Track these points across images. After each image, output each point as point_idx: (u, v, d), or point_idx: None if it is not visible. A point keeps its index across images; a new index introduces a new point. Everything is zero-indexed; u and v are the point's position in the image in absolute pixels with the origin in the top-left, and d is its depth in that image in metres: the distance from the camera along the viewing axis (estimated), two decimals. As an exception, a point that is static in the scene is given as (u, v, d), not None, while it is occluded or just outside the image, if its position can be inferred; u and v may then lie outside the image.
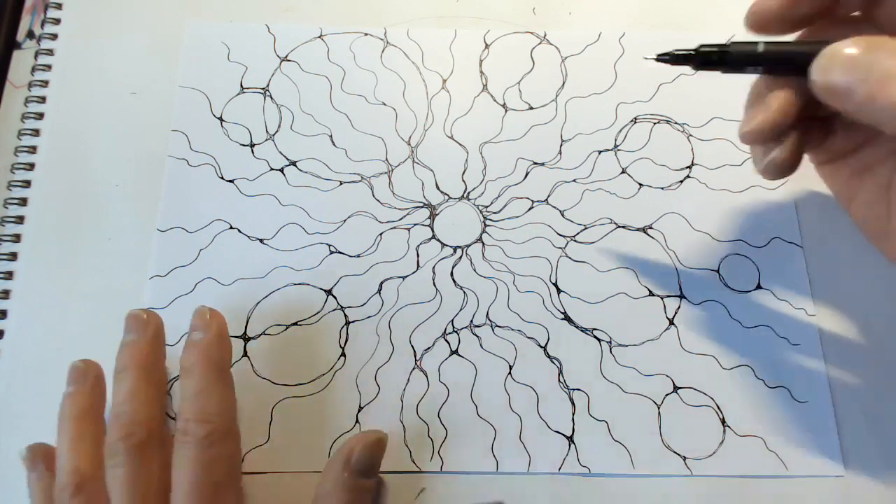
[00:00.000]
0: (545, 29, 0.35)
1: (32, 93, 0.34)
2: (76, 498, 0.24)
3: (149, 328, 0.27)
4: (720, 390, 0.29)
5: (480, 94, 0.34)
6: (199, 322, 0.27)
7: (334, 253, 0.31)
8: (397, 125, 0.33)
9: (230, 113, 0.33)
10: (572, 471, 0.28)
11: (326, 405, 0.29)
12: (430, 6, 0.35)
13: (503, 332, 0.30)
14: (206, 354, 0.26)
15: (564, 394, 0.29)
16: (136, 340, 0.27)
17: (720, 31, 0.34)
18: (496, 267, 0.31)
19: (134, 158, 0.33)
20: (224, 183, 0.32)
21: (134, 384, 0.25)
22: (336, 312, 0.30)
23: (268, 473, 0.28)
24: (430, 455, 0.28)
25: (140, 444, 0.24)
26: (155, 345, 0.27)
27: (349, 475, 0.25)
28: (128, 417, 0.25)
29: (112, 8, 0.35)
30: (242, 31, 0.35)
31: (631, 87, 0.34)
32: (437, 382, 0.30)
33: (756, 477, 0.28)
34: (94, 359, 0.29)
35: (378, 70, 0.34)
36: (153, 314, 0.28)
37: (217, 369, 0.26)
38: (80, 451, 0.25)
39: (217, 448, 0.24)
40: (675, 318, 0.30)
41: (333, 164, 0.33)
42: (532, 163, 0.33)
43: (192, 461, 0.24)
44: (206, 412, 0.25)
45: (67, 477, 0.24)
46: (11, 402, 0.29)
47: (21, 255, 0.31)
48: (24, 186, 0.32)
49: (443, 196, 0.32)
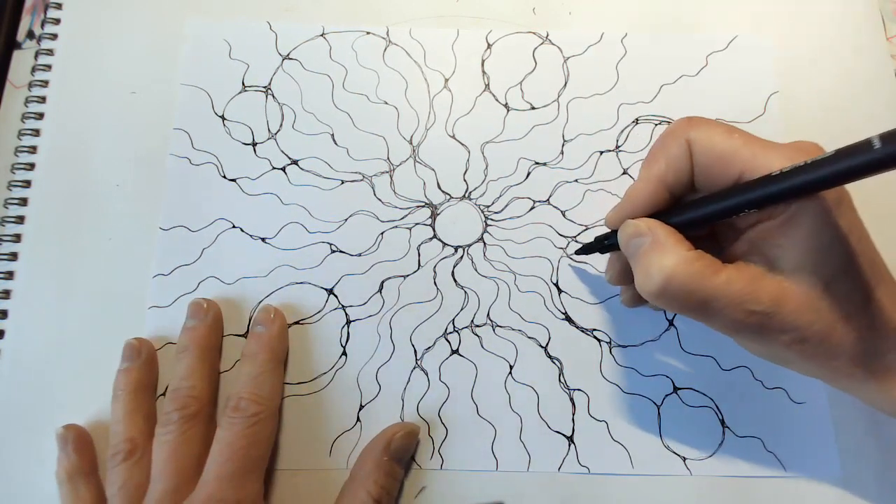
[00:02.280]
0: (545, 29, 0.35)
1: (32, 93, 0.33)
2: (125, 463, 0.26)
3: (209, 315, 0.30)
4: (719, 391, 0.29)
5: (482, 93, 0.34)
6: (263, 317, 0.29)
7: (336, 252, 0.31)
8: (399, 124, 0.33)
9: (232, 111, 0.33)
10: (572, 470, 0.28)
11: (327, 404, 0.29)
12: (431, 6, 0.35)
13: (504, 331, 0.30)
14: (269, 345, 0.29)
15: (564, 394, 0.30)
16: (196, 325, 0.29)
17: (720, 30, 0.35)
18: (497, 267, 0.31)
19: (134, 158, 0.33)
20: (226, 182, 0.32)
21: (193, 362, 0.28)
22: (337, 311, 0.31)
23: (269, 470, 0.28)
24: (431, 454, 0.29)
25: (192, 415, 0.27)
26: (214, 330, 0.30)
27: (388, 458, 0.27)
28: (185, 391, 0.27)
29: (112, 8, 0.35)
30: (244, 29, 0.35)
31: (633, 88, 0.34)
32: (437, 382, 0.30)
33: (755, 477, 0.28)
34: (94, 358, 0.30)
35: (380, 69, 0.34)
36: (213, 303, 0.30)
37: (276, 360, 0.29)
38: (134, 422, 0.27)
39: (260, 427, 0.26)
40: (674, 319, 0.31)
41: (335, 163, 0.33)
42: (534, 163, 0.33)
43: (236, 435, 0.26)
44: (260, 394, 0.27)
45: (121, 444, 0.27)
46: (11, 402, 0.29)
47: (21, 255, 0.31)
48: (24, 186, 0.32)
49: (444, 195, 0.32)
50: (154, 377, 0.29)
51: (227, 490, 0.25)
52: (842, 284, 0.22)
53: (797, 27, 0.35)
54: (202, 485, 0.25)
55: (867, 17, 0.35)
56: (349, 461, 0.28)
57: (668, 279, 0.22)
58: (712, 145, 0.23)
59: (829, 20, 0.35)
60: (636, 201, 0.25)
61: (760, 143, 0.22)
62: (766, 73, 0.34)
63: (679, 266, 0.22)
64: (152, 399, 0.29)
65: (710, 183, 0.23)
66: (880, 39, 0.35)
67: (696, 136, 0.23)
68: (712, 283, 0.22)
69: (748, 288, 0.21)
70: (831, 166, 0.19)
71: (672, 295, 0.22)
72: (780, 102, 0.33)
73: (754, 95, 0.34)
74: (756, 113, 0.33)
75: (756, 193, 0.21)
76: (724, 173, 0.22)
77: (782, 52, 0.34)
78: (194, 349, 0.28)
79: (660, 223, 0.24)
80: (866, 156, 0.18)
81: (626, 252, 0.24)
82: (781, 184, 0.20)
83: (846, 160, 0.19)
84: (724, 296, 0.21)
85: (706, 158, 0.23)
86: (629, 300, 0.29)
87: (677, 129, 0.24)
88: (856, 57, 0.34)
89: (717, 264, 0.22)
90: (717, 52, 0.34)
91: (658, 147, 0.24)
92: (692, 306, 0.22)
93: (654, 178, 0.24)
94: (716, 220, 0.23)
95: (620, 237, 0.25)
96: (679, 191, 0.24)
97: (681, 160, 0.23)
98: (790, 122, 0.33)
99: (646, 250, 0.23)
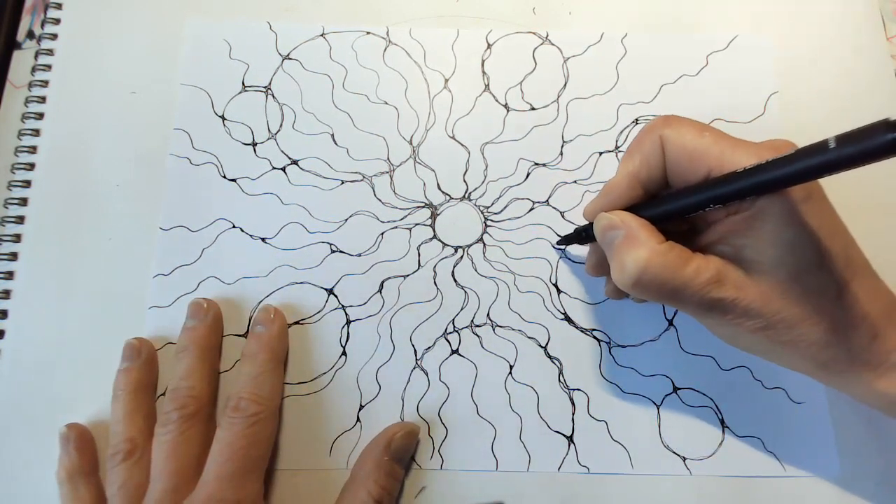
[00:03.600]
0: (545, 29, 0.35)
1: (32, 93, 0.33)
2: (125, 463, 0.26)
3: (209, 315, 0.30)
4: (719, 391, 0.30)
5: (482, 94, 0.34)
6: (263, 317, 0.29)
7: (336, 252, 0.31)
8: (399, 124, 0.33)
9: (232, 111, 0.33)
10: (572, 470, 0.28)
11: (327, 404, 0.29)
12: (430, 6, 0.35)
13: (504, 331, 0.30)
14: (269, 346, 0.29)
15: (564, 394, 0.30)
16: (196, 325, 0.29)
17: (720, 30, 0.35)
18: (497, 267, 0.31)
19: (134, 158, 0.33)
20: (226, 182, 0.32)
21: (193, 362, 0.28)
22: (337, 311, 0.31)
23: (269, 470, 0.28)
24: (431, 454, 0.29)
25: (191, 415, 0.27)
26: (213, 330, 0.30)
27: (389, 458, 0.27)
28: (185, 391, 0.27)
29: (112, 8, 0.35)
30: (244, 29, 0.35)
31: (633, 88, 0.34)
32: (437, 381, 0.30)
33: (754, 477, 0.28)
34: (94, 358, 0.30)
35: (380, 69, 0.34)
36: (212, 303, 0.30)
37: (276, 360, 0.29)
38: (134, 422, 0.27)
39: (260, 427, 0.27)
40: (674, 319, 0.31)
41: (335, 164, 0.33)
42: (533, 163, 0.33)
43: (236, 435, 0.26)
44: (260, 394, 0.27)
45: (121, 444, 0.27)
46: (11, 402, 0.29)
47: (21, 255, 0.31)
48: (24, 186, 0.32)
49: (444, 196, 0.32)
50: (154, 377, 0.29)
51: (226, 490, 0.25)
52: (813, 277, 0.22)
53: (797, 27, 0.35)
54: (202, 485, 0.25)
55: (867, 17, 0.35)
56: (349, 461, 0.28)
57: (641, 271, 0.23)
58: (683, 143, 0.23)
59: (829, 20, 0.35)
60: (612, 195, 0.25)
61: (730, 142, 0.23)
62: (766, 73, 0.34)
63: (651, 258, 0.23)
64: (152, 399, 0.29)
65: (680, 179, 0.24)
66: (880, 39, 0.35)
67: (668, 134, 0.24)
68: (682, 274, 0.22)
69: (714, 278, 0.22)
70: (788, 166, 0.19)
71: (645, 286, 0.23)
72: (780, 102, 0.33)
73: (754, 95, 0.34)
74: (756, 113, 0.33)
75: (719, 190, 0.22)
76: (693, 170, 0.23)
77: (782, 52, 0.34)
78: (194, 349, 0.28)
79: (633, 216, 0.24)
80: (821, 156, 0.18)
81: (601, 244, 0.25)
82: (742, 181, 0.21)
83: (802, 160, 0.19)
84: (692, 285, 0.22)
85: (677, 155, 0.23)
86: (611, 291, 0.29)
87: (652, 127, 0.24)
88: (856, 57, 0.34)
89: (687, 255, 0.23)
90: (717, 52, 0.34)
91: (634, 144, 0.25)
92: (665, 294, 0.23)
93: (629, 174, 0.25)
94: (683, 214, 0.24)
95: (596, 229, 0.25)
96: (652, 186, 0.25)
97: (654, 157, 0.24)
98: (790, 122, 0.33)
99: (620, 243, 0.24)
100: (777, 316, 0.22)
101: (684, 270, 0.22)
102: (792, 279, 0.22)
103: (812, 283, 0.22)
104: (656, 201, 0.25)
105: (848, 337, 0.23)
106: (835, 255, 0.22)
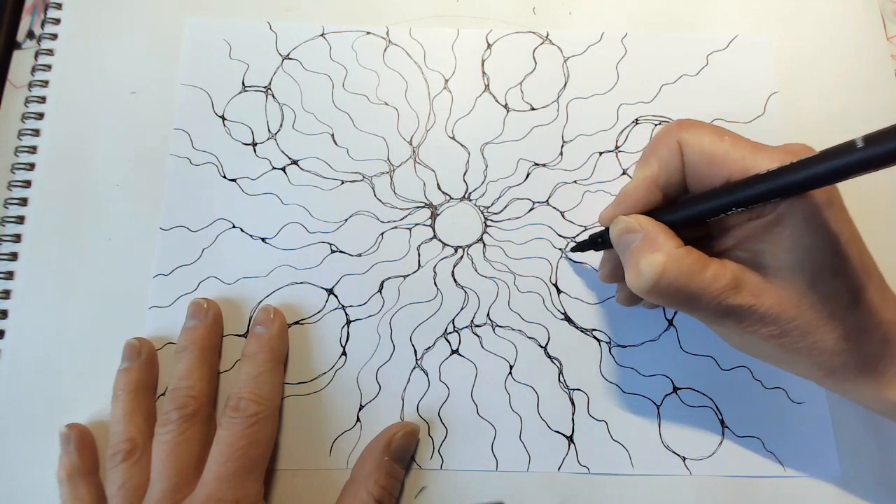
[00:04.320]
0: (545, 29, 0.35)
1: (32, 93, 0.33)
2: (125, 463, 0.26)
3: (209, 315, 0.30)
4: (719, 391, 0.30)
5: (482, 94, 0.34)
6: (263, 317, 0.29)
7: (336, 252, 0.31)
8: (399, 125, 0.33)
9: (232, 111, 0.33)
10: (572, 470, 0.29)
11: (327, 404, 0.29)
12: (430, 5, 0.35)
13: (504, 331, 0.30)
14: (269, 345, 0.29)
15: (564, 394, 0.30)
16: (196, 326, 0.29)
17: (720, 30, 0.35)
18: (497, 267, 0.31)
19: (134, 158, 0.33)
20: (226, 182, 0.32)
21: (192, 362, 0.28)
22: (337, 311, 0.31)
23: (269, 470, 0.28)
24: (431, 453, 0.29)
25: (190, 415, 0.27)
26: (213, 330, 0.30)
27: (389, 458, 0.27)
28: (184, 391, 0.27)
29: (112, 8, 0.35)
30: (244, 29, 0.35)
31: (633, 88, 0.34)
32: (437, 382, 0.30)
33: (754, 477, 0.28)
34: (94, 358, 0.30)
35: (380, 69, 0.34)
36: (212, 303, 0.30)
37: (276, 360, 0.29)
38: (134, 422, 0.27)
39: (260, 427, 0.26)
40: (674, 319, 0.31)
41: (335, 164, 0.33)
42: (533, 164, 0.33)
43: (236, 435, 0.26)
44: (260, 394, 0.27)
45: (121, 444, 0.27)
46: (11, 402, 0.29)
47: (21, 255, 0.31)
48: (24, 186, 0.32)
49: (444, 196, 0.32)
50: (154, 377, 0.29)
51: (226, 490, 0.25)
52: (828, 284, 0.22)
53: (797, 27, 0.35)
54: (202, 485, 0.25)
55: (867, 17, 0.35)
56: (349, 461, 0.28)
57: (659, 275, 0.22)
58: (702, 147, 0.23)
59: (829, 20, 0.35)
60: (629, 200, 0.25)
61: (750, 146, 0.22)
62: (766, 73, 0.34)
63: (669, 263, 0.22)
64: (152, 399, 0.29)
65: (700, 184, 0.24)
66: (880, 39, 0.35)
67: (686, 138, 0.24)
68: (700, 279, 0.22)
69: (731, 283, 0.22)
70: (815, 167, 0.19)
71: (662, 291, 0.23)
72: (780, 102, 0.33)
73: (754, 95, 0.34)
74: (756, 113, 0.33)
75: (743, 194, 0.22)
76: (713, 175, 0.23)
77: (782, 52, 0.34)
78: (194, 349, 0.28)
79: (650, 219, 0.24)
80: (849, 156, 0.18)
81: (617, 248, 0.25)
82: (767, 184, 0.21)
83: (830, 161, 0.19)
84: (709, 291, 0.22)
85: (696, 160, 0.23)
86: (624, 299, 0.29)
87: (669, 132, 0.24)
88: (856, 57, 0.34)
89: (705, 259, 0.23)
90: (717, 52, 0.34)
91: (650, 149, 0.25)
92: (681, 300, 0.23)
93: (647, 179, 0.25)
94: (705, 218, 0.23)
95: (612, 233, 0.25)
96: (671, 191, 0.25)
97: (672, 162, 0.24)
98: (790, 122, 0.33)
99: (637, 247, 0.23)
100: (792, 323, 0.22)
101: (702, 276, 0.22)
102: (809, 285, 0.22)
103: (828, 290, 0.22)
104: (674, 206, 0.24)
105: (860, 344, 0.22)
106: (851, 261, 0.22)
